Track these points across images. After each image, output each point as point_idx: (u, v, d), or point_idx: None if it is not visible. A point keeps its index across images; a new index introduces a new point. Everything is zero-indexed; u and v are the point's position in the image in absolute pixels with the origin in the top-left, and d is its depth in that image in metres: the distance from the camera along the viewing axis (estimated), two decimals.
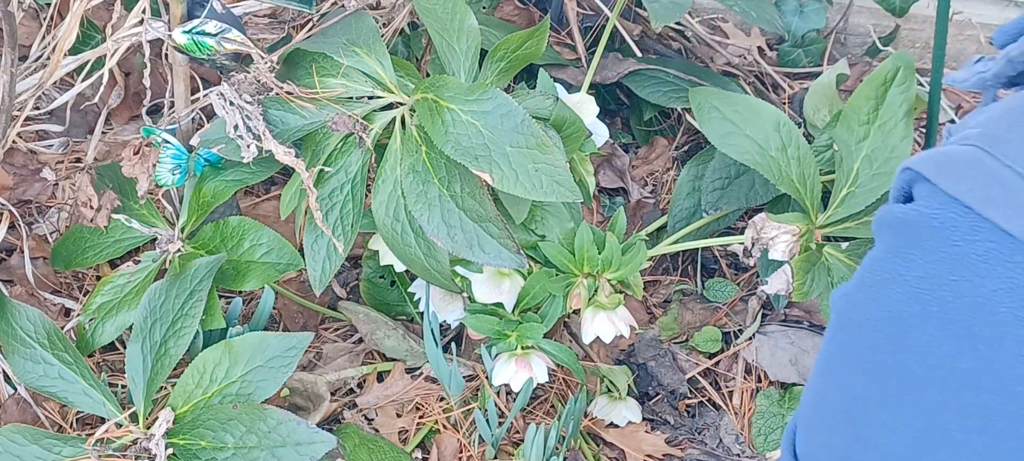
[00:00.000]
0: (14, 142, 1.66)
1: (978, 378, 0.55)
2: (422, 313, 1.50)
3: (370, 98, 1.38)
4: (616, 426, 1.52)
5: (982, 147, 0.57)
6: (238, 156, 1.34)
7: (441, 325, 1.50)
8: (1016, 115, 0.58)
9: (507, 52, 1.43)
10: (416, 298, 1.52)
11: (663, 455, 1.51)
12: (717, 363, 1.64)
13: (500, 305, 1.41)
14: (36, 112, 1.77)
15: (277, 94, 1.35)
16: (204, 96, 1.49)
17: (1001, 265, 0.54)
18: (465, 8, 1.42)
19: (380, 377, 1.55)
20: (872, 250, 0.62)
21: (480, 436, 1.47)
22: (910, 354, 0.58)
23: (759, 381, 1.61)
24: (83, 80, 1.54)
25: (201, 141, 1.38)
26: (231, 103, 1.32)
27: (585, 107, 1.46)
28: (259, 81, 1.34)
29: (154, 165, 1.42)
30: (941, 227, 0.56)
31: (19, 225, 1.62)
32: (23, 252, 1.60)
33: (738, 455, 1.53)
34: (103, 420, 1.34)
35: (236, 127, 1.32)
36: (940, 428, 0.57)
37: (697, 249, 1.74)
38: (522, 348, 1.39)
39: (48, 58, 1.48)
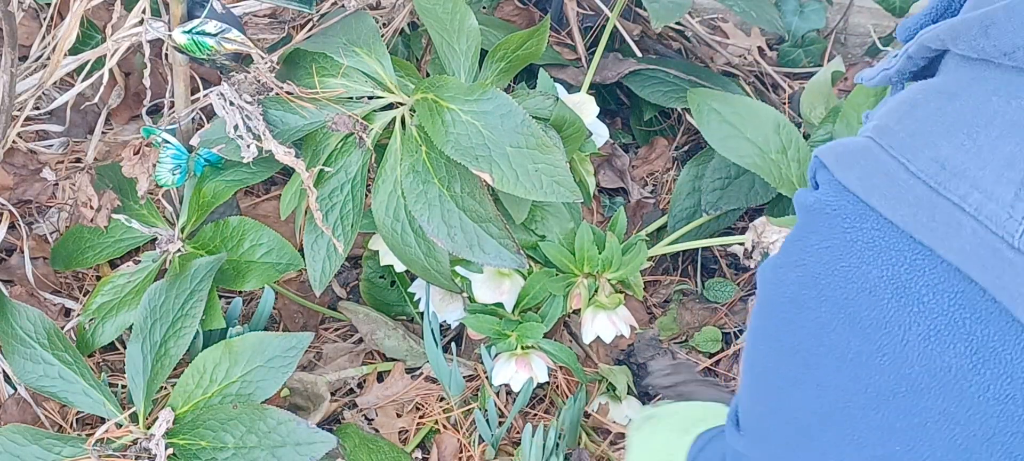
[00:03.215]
0: (14, 142, 1.66)
1: (870, 360, 0.57)
2: (422, 313, 1.50)
3: (370, 98, 1.38)
4: (618, 423, 1.52)
5: (873, 138, 0.59)
6: (238, 156, 1.34)
7: (441, 325, 1.50)
8: (906, 108, 0.60)
9: (507, 52, 1.43)
10: (416, 298, 1.52)
11: None
12: (717, 363, 1.64)
13: (500, 305, 1.41)
14: (36, 112, 1.77)
15: (277, 94, 1.35)
16: (204, 96, 1.49)
17: (884, 252, 0.56)
18: (465, 8, 1.42)
19: (380, 377, 1.55)
20: (794, 226, 0.64)
21: (480, 436, 1.47)
22: (807, 336, 0.60)
23: None
24: (83, 80, 1.54)
25: (201, 141, 1.38)
26: (231, 103, 1.32)
27: (585, 107, 1.46)
28: (259, 81, 1.34)
29: (154, 165, 1.42)
30: (834, 214, 0.58)
31: (19, 225, 1.62)
32: (23, 252, 1.60)
33: None
34: (103, 420, 1.34)
35: (236, 127, 1.32)
36: (841, 403, 0.59)
37: (697, 249, 1.74)
38: (522, 348, 1.39)
39: (48, 58, 1.48)
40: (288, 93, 1.34)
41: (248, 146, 1.32)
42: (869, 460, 0.59)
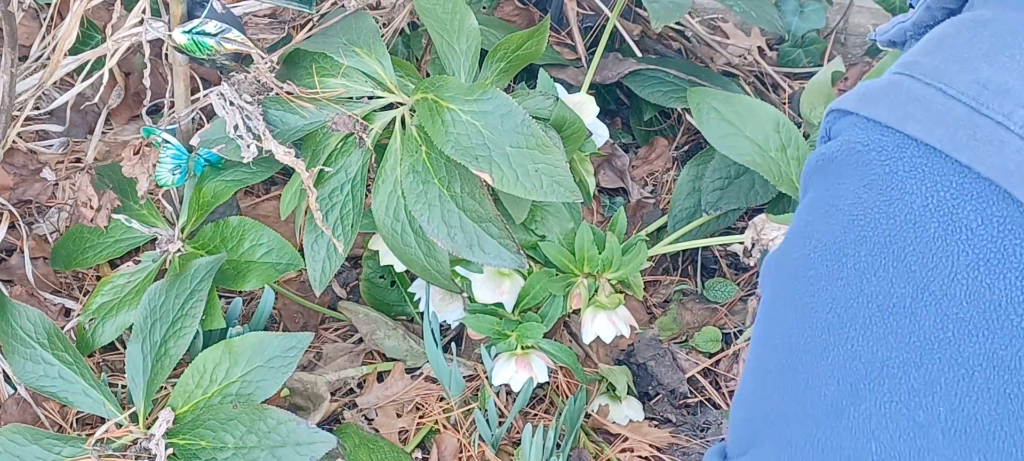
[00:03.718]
0: (14, 142, 1.66)
1: (914, 304, 0.54)
2: (422, 313, 1.50)
3: (370, 98, 1.38)
4: (618, 424, 1.52)
5: (901, 72, 0.57)
6: (238, 156, 1.34)
7: (441, 325, 1.50)
8: (936, 41, 0.58)
9: (507, 52, 1.43)
10: (416, 298, 1.52)
11: (668, 445, 1.51)
12: (717, 363, 1.64)
13: (500, 305, 1.41)
14: (36, 112, 1.76)
15: (277, 94, 1.35)
16: (204, 96, 1.49)
17: (928, 179, 0.53)
18: (465, 8, 1.42)
19: (380, 377, 1.55)
20: (801, 202, 0.61)
21: (480, 436, 1.47)
22: (846, 286, 0.56)
23: None
24: (83, 80, 1.54)
25: (201, 141, 1.38)
26: (231, 103, 1.32)
27: (585, 107, 1.46)
28: (259, 81, 1.34)
29: (154, 165, 1.42)
30: (867, 150, 0.55)
31: (19, 225, 1.62)
32: (23, 252, 1.60)
33: None
34: (103, 420, 1.34)
35: (236, 127, 1.32)
36: (877, 365, 0.54)
37: (697, 249, 1.74)
38: (522, 348, 1.39)
39: (48, 58, 1.48)
40: (288, 93, 1.34)
41: (248, 146, 1.32)
42: (908, 429, 0.54)
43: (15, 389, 1.45)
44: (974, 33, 0.56)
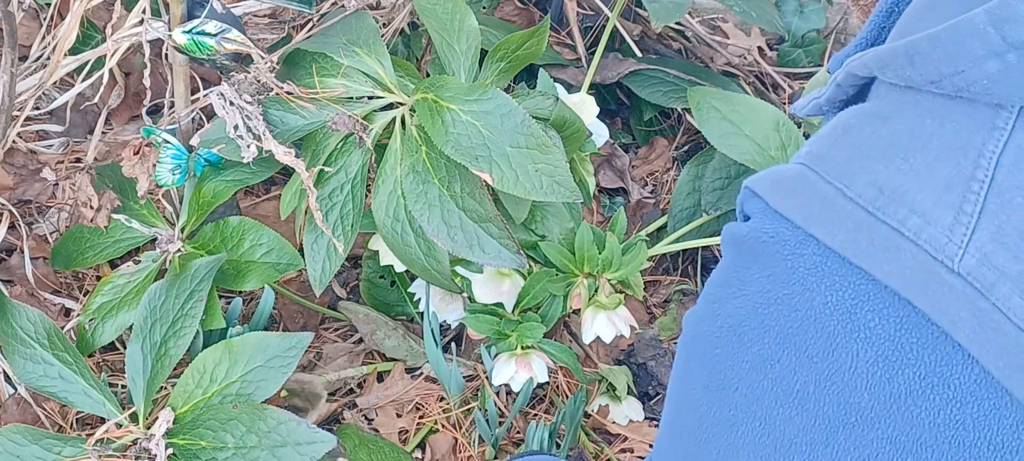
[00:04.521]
0: (14, 142, 1.66)
1: (817, 390, 0.56)
2: (422, 313, 1.50)
3: (370, 98, 1.38)
4: (618, 424, 1.52)
5: (807, 164, 0.58)
6: (238, 156, 1.34)
7: (441, 325, 1.50)
8: (839, 133, 0.59)
9: (507, 52, 1.43)
10: (416, 298, 1.52)
11: None
12: None
13: (500, 305, 1.41)
14: (36, 112, 1.76)
15: (277, 94, 1.35)
16: (204, 96, 1.49)
17: (828, 278, 0.55)
18: (465, 8, 1.42)
19: (380, 377, 1.55)
20: (718, 265, 0.63)
21: (480, 436, 1.47)
22: (749, 370, 0.58)
23: None
24: (83, 80, 1.54)
25: (201, 141, 1.38)
26: (231, 103, 1.32)
27: (585, 107, 1.46)
28: (259, 81, 1.34)
29: (154, 165, 1.42)
30: (773, 243, 0.57)
31: (19, 225, 1.62)
32: (23, 252, 1.60)
33: None
34: (103, 420, 1.34)
35: (236, 127, 1.32)
36: (786, 443, 0.57)
37: (697, 249, 1.74)
38: (522, 348, 1.39)
39: (48, 58, 1.48)
40: (288, 93, 1.34)
41: (248, 146, 1.32)
42: None
43: (15, 389, 1.45)
44: (874, 130, 0.58)
